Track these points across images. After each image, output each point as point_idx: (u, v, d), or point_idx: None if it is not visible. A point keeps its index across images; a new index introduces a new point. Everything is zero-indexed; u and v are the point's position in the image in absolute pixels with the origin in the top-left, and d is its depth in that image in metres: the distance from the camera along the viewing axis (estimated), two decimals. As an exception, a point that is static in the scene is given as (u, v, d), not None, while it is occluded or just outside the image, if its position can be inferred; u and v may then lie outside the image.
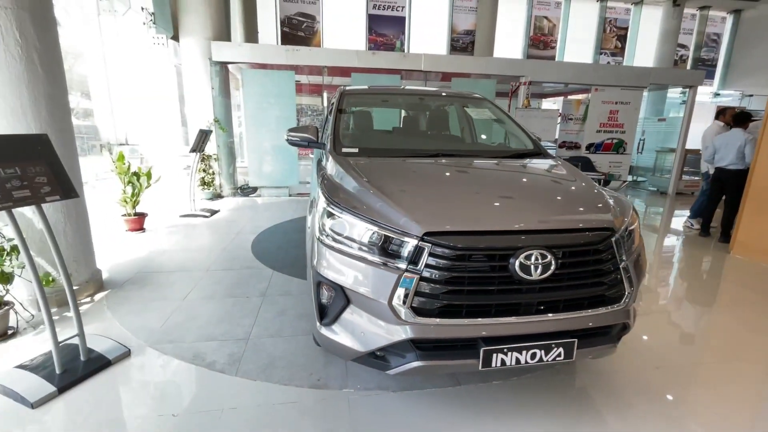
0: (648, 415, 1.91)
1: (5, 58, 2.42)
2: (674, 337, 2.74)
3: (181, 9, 6.38)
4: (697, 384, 2.19)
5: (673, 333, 2.80)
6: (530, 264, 1.50)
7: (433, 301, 1.51)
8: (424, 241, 1.51)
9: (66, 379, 1.99)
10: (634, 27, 13.11)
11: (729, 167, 4.95)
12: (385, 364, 1.63)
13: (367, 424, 1.80)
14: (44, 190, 2.00)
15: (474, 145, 2.89)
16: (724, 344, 2.64)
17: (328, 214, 1.74)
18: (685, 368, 2.32)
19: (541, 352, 1.57)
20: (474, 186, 1.97)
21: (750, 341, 2.69)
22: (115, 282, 3.31)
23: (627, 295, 1.68)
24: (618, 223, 1.72)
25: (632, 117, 8.15)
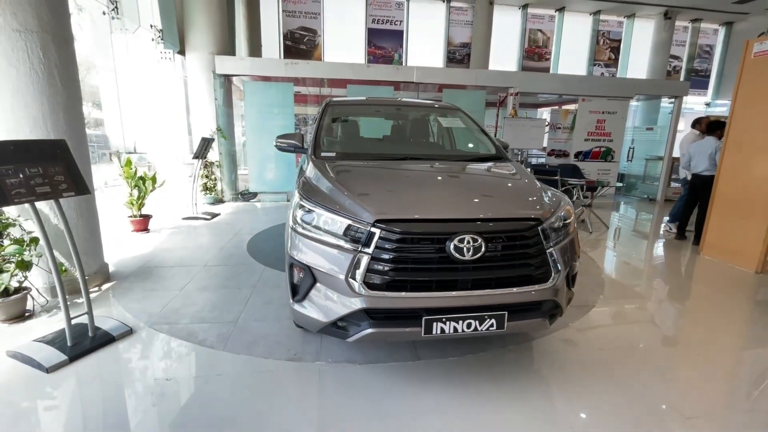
0: (586, 387, 2.17)
1: (30, 74, 2.78)
2: (624, 325, 2.99)
3: (188, 26, 6.83)
4: (630, 363, 2.44)
5: (624, 321, 3.04)
6: (463, 246, 1.79)
7: (382, 277, 1.80)
8: (375, 227, 1.82)
9: (76, 351, 2.30)
10: (626, 39, 13.45)
11: (703, 173, 5.21)
12: (345, 333, 1.92)
13: (333, 390, 2.08)
14: (62, 187, 2.34)
15: (441, 150, 3.20)
16: (668, 332, 2.90)
17: (300, 207, 2.05)
18: (625, 350, 2.58)
19: (475, 322, 1.85)
20: (425, 183, 2.29)
21: (692, 330, 2.94)
22: (120, 274, 3.64)
23: (553, 277, 1.96)
24: (545, 215, 2.01)
25: (619, 126, 8.44)
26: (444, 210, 1.92)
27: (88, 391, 2.05)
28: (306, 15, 11.90)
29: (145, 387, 2.07)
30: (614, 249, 5.19)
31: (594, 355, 2.50)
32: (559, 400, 2.06)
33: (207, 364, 2.29)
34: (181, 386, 2.08)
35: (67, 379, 2.12)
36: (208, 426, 1.81)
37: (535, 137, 7.74)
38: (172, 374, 2.18)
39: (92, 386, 2.08)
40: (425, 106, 3.65)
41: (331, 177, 2.24)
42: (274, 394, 2.05)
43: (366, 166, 2.52)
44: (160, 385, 2.08)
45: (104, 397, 2.01)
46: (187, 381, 2.13)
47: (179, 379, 2.13)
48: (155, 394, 2.01)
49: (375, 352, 2.41)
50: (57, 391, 2.02)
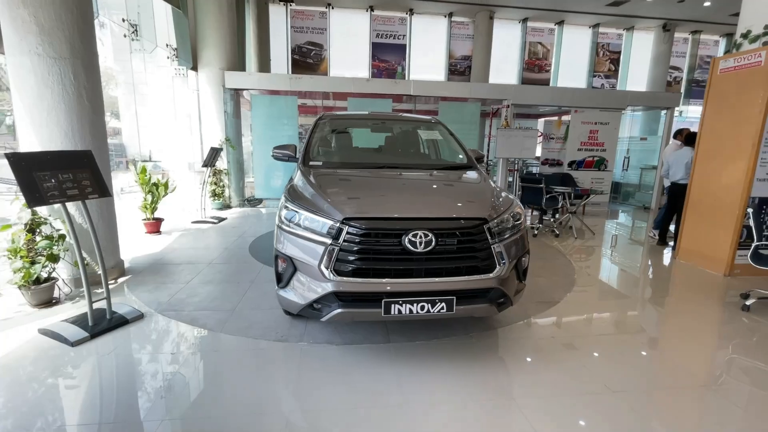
0: (533, 368, 2.49)
1: (62, 95, 3.25)
2: (582, 319, 3.28)
3: (200, 44, 7.38)
4: (579, 350, 2.74)
5: (583, 316, 3.33)
6: (416, 240, 2.15)
7: (349, 265, 2.16)
8: (343, 224, 2.18)
9: (96, 329, 2.70)
10: (626, 50, 13.72)
11: (680, 181, 5.47)
12: (319, 313, 2.27)
13: (311, 365, 2.43)
14: (88, 190, 2.77)
15: (417, 160, 3.56)
16: (621, 325, 3.18)
17: (285, 208, 2.44)
18: (577, 339, 2.88)
19: (428, 305, 2.19)
20: (391, 187, 2.66)
21: (645, 324, 3.22)
22: (134, 270, 4.06)
23: (498, 269, 2.29)
24: (491, 215, 2.35)
25: (612, 136, 8.69)
26: (401, 210, 2.28)
27: (105, 361, 2.44)
28: (313, 30, 12.49)
29: (152, 359, 2.45)
30: (594, 253, 5.46)
31: (547, 343, 2.80)
32: (508, 379, 2.37)
33: (206, 343, 2.66)
34: (183, 358, 2.46)
35: (89, 352, 2.51)
36: (205, 390, 2.18)
37: (528, 147, 8.05)
38: (175, 350, 2.56)
39: (109, 358, 2.47)
40: (408, 120, 4.03)
41: (312, 183, 2.62)
42: (262, 367, 2.41)
43: (344, 174, 2.91)
44: (166, 357, 2.46)
45: (118, 366, 2.40)
46: (189, 355, 2.50)
47: (182, 353, 2.51)
48: (160, 365, 2.39)
49: (351, 335, 2.76)
50: (80, 361, 2.42)
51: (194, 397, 2.11)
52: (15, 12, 3.06)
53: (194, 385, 2.22)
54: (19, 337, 2.66)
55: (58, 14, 3.16)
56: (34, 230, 3.18)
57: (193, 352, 2.55)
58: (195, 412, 1.99)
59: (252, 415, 1.98)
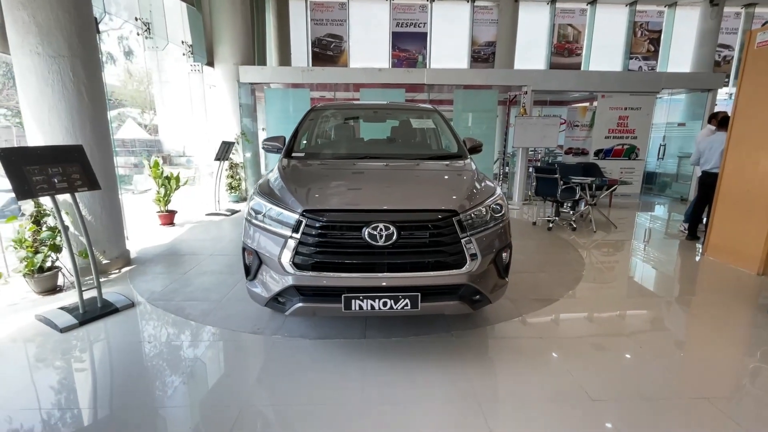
0: (513, 371, 2.33)
1: (62, 91, 3.39)
2: (578, 319, 3.05)
3: (216, 40, 7.53)
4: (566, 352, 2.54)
5: (580, 316, 3.09)
6: (376, 233, 2.05)
7: (308, 259, 2.10)
8: (303, 216, 2.12)
9: (85, 317, 2.82)
10: (668, 29, 12.66)
11: (712, 170, 4.97)
12: (282, 307, 2.24)
13: (278, 358, 2.41)
14: (77, 183, 2.87)
15: (402, 150, 3.42)
16: (622, 327, 2.91)
17: (251, 199, 2.41)
18: (567, 341, 2.67)
19: (390, 301, 2.09)
20: (362, 179, 2.56)
21: (650, 326, 2.94)
22: (139, 260, 4.23)
23: (468, 264, 2.15)
24: (464, 207, 2.20)
25: (644, 122, 8.06)
26: (363, 201, 2.19)
27: (86, 347, 2.54)
28: (333, 22, 12.44)
29: (130, 346, 2.52)
30: (612, 248, 5.09)
31: (533, 343, 2.62)
32: (481, 380, 2.22)
33: (187, 332, 2.71)
34: (162, 346, 2.51)
35: (74, 338, 2.62)
36: (168, 379, 2.21)
37: (549, 135, 7.63)
38: (154, 338, 2.62)
39: (90, 344, 2.57)
40: (401, 109, 3.89)
41: (284, 175, 2.58)
42: (230, 359, 2.42)
43: (321, 166, 2.84)
44: (146, 345, 2.52)
45: (100, 352, 2.49)
46: (168, 344, 2.55)
47: (161, 342, 2.57)
48: (135, 353, 2.45)
49: (328, 330, 2.71)
50: (63, 347, 2.52)
51: (156, 385, 2.14)
52: (16, 14, 3.20)
53: (160, 373, 2.25)
54: (17, 322, 2.82)
55: (55, 15, 3.28)
56: (39, 222, 3.36)
57: (170, 341, 2.60)
58: (153, 401, 2.01)
59: (208, 407, 1.98)
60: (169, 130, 19.78)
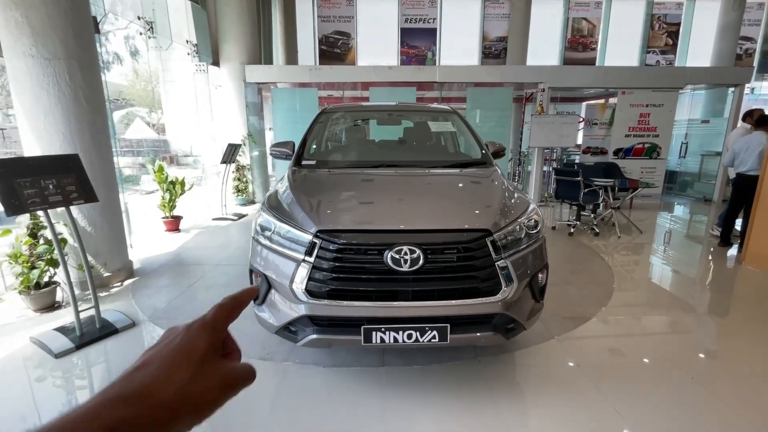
0: (547, 405, 2.09)
1: (58, 96, 3.19)
2: (617, 341, 2.78)
3: (221, 39, 7.32)
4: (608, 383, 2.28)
5: (618, 337, 2.83)
6: (400, 258, 1.80)
7: (323, 286, 1.87)
8: (317, 237, 1.88)
9: (83, 339, 2.62)
10: (687, 22, 12.19)
11: (749, 173, 4.64)
12: (294, 337, 2.01)
13: (290, 389, 2.19)
14: (72, 195, 2.67)
15: (422, 156, 3.16)
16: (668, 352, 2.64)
17: (259, 215, 2.18)
18: (607, 369, 2.41)
19: (416, 333, 1.85)
20: (382, 192, 2.30)
21: (699, 351, 2.67)
22: (143, 271, 4.04)
23: (503, 290, 1.90)
24: (496, 226, 1.95)
25: (667, 119, 7.70)
26: (385, 221, 1.94)
27: (86, 375, 2.34)
28: (340, 19, 12.17)
29: (130, 376, 2.31)
30: (639, 255, 4.80)
31: (568, 371, 2.37)
32: (511, 415, 1.99)
33: (188, 358, 2.50)
34: (159, 377, 2.30)
35: (70, 364, 2.43)
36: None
37: (567, 134, 7.32)
38: (155, 366, 2.41)
39: (89, 370, 2.37)
40: (419, 110, 3.63)
41: (294, 187, 2.34)
42: (238, 390, 2.20)
43: (334, 175, 2.59)
44: (142, 375, 2.31)
45: (98, 381, 2.29)
46: (166, 373, 2.34)
47: (160, 371, 2.36)
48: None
49: (343, 357, 2.48)
50: (57, 375, 2.33)
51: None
52: (8, 14, 3.00)
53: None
54: (10, 344, 2.64)
55: (50, 15, 3.07)
56: (36, 234, 3.17)
57: (172, 369, 2.39)
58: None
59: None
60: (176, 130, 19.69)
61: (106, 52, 8.85)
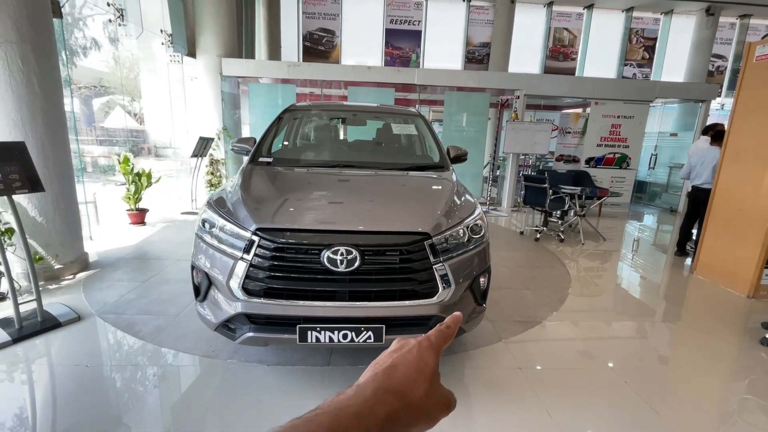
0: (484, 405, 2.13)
1: (9, 81, 3.08)
2: (562, 345, 2.85)
3: (198, 30, 7.18)
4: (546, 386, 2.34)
5: (564, 341, 2.90)
6: (337, 258, 1.81)
7: (260, 284, 1.86)
8: (255, 235, 1.88)
9: (22, 333, 2.54)
10: (663, 37, 12.58)
11: (703, 185, 4.83)
12: (233, 334, 1.99)
13: (229, 387, 2.17)
14: (15, 184, 2.58)
15: (382, 157, 3.18)
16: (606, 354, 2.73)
17: (203, 211, 2.16)
18: (548, 372, 2.48)
19: (352, 333, 1.86)
20: (326, 191, 2.31)
21: (634, 354, 2.76)
22: (99, 264, 3.93)
23: (440, 293, 1.93)
24: (438, 229, 1.98)
25: (637, 131, 7.93)
26: (323, 221, 1.95)
27: (23, 369, 2.27)
28: (325, 16, 12.11)
29: (69, 369, 2.26)
30: (599, 263, 4.93)
31: (511, 374, 2.42)
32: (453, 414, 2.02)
33: (130, 354, 2.45)
34: (96, 373, 2.25)
35: (6, 358, 2.35)
36: (113, 406, 1.96)
37: (540, 142, 7.45)
38: (94, 362, 2.36)
39: (25, 364, 2.30)
40: (383, 112, 3.65)
41: (242, 184, 2.32)
42: (176, 386, 2.18)
43: (285, 173, 2.59)
44: (78, 370, 2.26)
45: (36, 375, 2.23)
46: (105, 369, 2.30)
47: (98, 366, 2.31)
48: (76, 377, 2.19)
49: (289, 355, 2.47)
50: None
51: (96, 416, 1.89)
52: (-45, -7, 2.89)
53: (102, 402, 2.00)
54: (-57, 337, 2.54)
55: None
56: (-20, 223, 3.06)
57: (112, 364, 2.34)
58: None
59: (137, 451, 1.74)
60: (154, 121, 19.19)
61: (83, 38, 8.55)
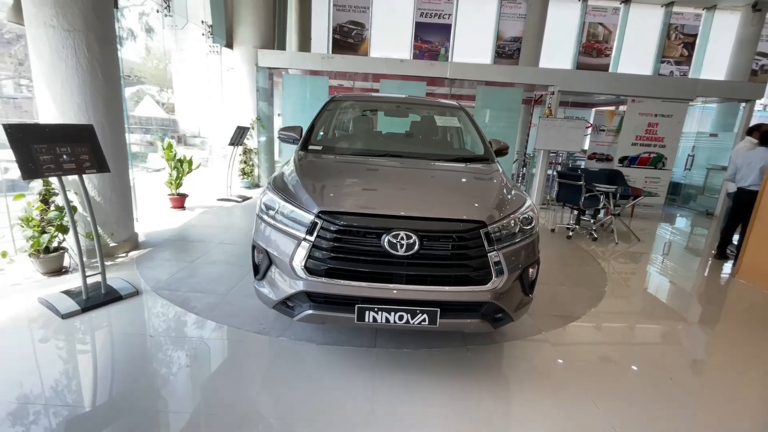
0: (529, 396, 2.18)
1: (76, 68, 3.27)
2: (602, 342, 2.86)
3: (236, 22, 7.36)
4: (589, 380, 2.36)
5: (603, 338, 2.91)
6: (396, 242, 1.89)
7: (322, 264, 1.95)
8: (318, 218, 1.97)
9: (88, 303, 2.73)
10: (704, 33, 12.08)
11: (750, 188, 4.68)
12: (291, 312, 2.10)
13: (283, 364, 2.29)
14: (86, 164, 2.76)
15: (426, 148, 3.22)
16: (648, 354, 2.73)
17: (264, 194, 2.26)
18: (589, 367, 2.50)
19: (407, 315, 1.94)
20: (383, 179, 2.38)
21: (678, 354, 2.75)
22: (147, 244, 4.14)
23: (493, 280, 1.98)
24: (492, 218, 2.02)
25: (675, 131, 7.71)
26: (384, 206, 2.02)
27: (90, 336, 2.45)
28: (355, 9, 12.15)
29: (133, 338, 2.42)
30: (635, 263, 4.86)
31: (553, 366, 2.46)
32: (494, 404, 2.08)
33: (187, 328, 2.60)
34: (159, 342, 2.41)
35: (77, 325, 2.54)
36: (167, 379, 2.10)
37: (573, 139, 7.34)
38: (156, 331, 2.52)
39: (93, 331, 2.48)
40: (426, 104, 3.68)
41: (300, 170, 2.42)
42: (232, 361, 2.31)
43: (339, 161, 2.67)
44: (144, 340, 2.42)
45: (102, 342, 2.40)
46: (166, 339, 2.45)
47: (160, 336, 2.47)
48: (138, 345, 2.35)
49: (336, 335, 2.58)
50: (63, 334, 2.44)
51: (158, 383, 2.03)
52: (32, -17, 3.07)
53: (162, 370, 2.15)
54: (19, 303, 2.75)
55: (72, -15, 3.14)
56: (47, 201, 3.27)
57: (173, 336, 2.49)
58: (153, 400, 1.91)
59: (209, 410, 1.87)
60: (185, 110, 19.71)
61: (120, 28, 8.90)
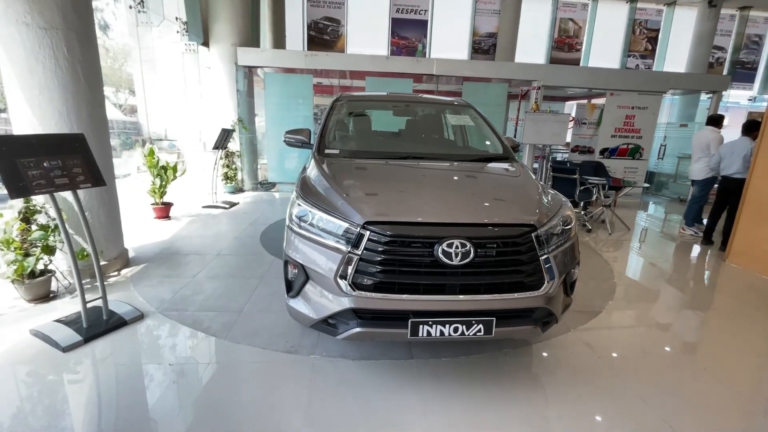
0: (577, 395, 2.15)
1: (55, 71, 2.94)
2: (629, 333, 2.90)
3: (212, 18, 6.97)
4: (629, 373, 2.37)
5: (629, 330, 2.95)
6: (451, 251, 1.79)
7: (370, 278, 1.83)
8: (365, 229, 1.84)
9: (90, 332, 2.46)
10: (665, 29, 12.70)
11: (734, 176, 4.92)
12: (334, 330, 1.96)
13: (323, 385, 2.15)
14: (79, 178, 2.48)
15: (448, 149, 3.15)
16: (675, 343, 2.79)
17: (296, 205, 2.10)
18: (626, 360, 2.52)
19: (462, 327, 1.85)
20: (421, 184, 2.28)
21: (702, 342, 2.82)
22: (139, 260, 3.83)
23: (546, 285, 1.93)
24: (540, 221, 1.97)
25: (650, 122, 8.04)
26: (435, 214, 1.92)
27: (98, 371, 2.20)
28: (330, 5, 11.86)
29: (148, 369, 2.20)
30: (632, 252, 5.01)
31: (591, 362, 2.45)
32: (545, 407, 2.04)
33: (208, 352, 2.40)
34: (181, 372, 2.20)
35: (81, 359, 2.28)
36: (205, 411, 1.91)
37: (558, 132, 7.48)
38: (175, 359, 2.30)
39: (102, 366, 2.23)
40: (436, 102, 3.60)
41: (328, 176, 2.27)
42: (268, 384, 2.14)
43: (366, 165, 2.54)
44: (164, 370, 2.20)
45: (114, 377, 2.16)
46: (188, 367, 2.24)
47: (180, 365, 2.25)
48: (155, 377, 2.14)
49: (369, 349, 2.45)
50: (71, 371, 2.18)
51: (193, 419, 1.84)
52: (-1, -25, 2.72)
53: (194, 404, 1.95)
54: (9, 338, 2.44)
55: (47, -22, 2.81)
56: (29, 219, 2.94)
57: (194, 363, 2.28)
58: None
59: (255, 450, 1.71)
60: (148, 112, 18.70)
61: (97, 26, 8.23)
